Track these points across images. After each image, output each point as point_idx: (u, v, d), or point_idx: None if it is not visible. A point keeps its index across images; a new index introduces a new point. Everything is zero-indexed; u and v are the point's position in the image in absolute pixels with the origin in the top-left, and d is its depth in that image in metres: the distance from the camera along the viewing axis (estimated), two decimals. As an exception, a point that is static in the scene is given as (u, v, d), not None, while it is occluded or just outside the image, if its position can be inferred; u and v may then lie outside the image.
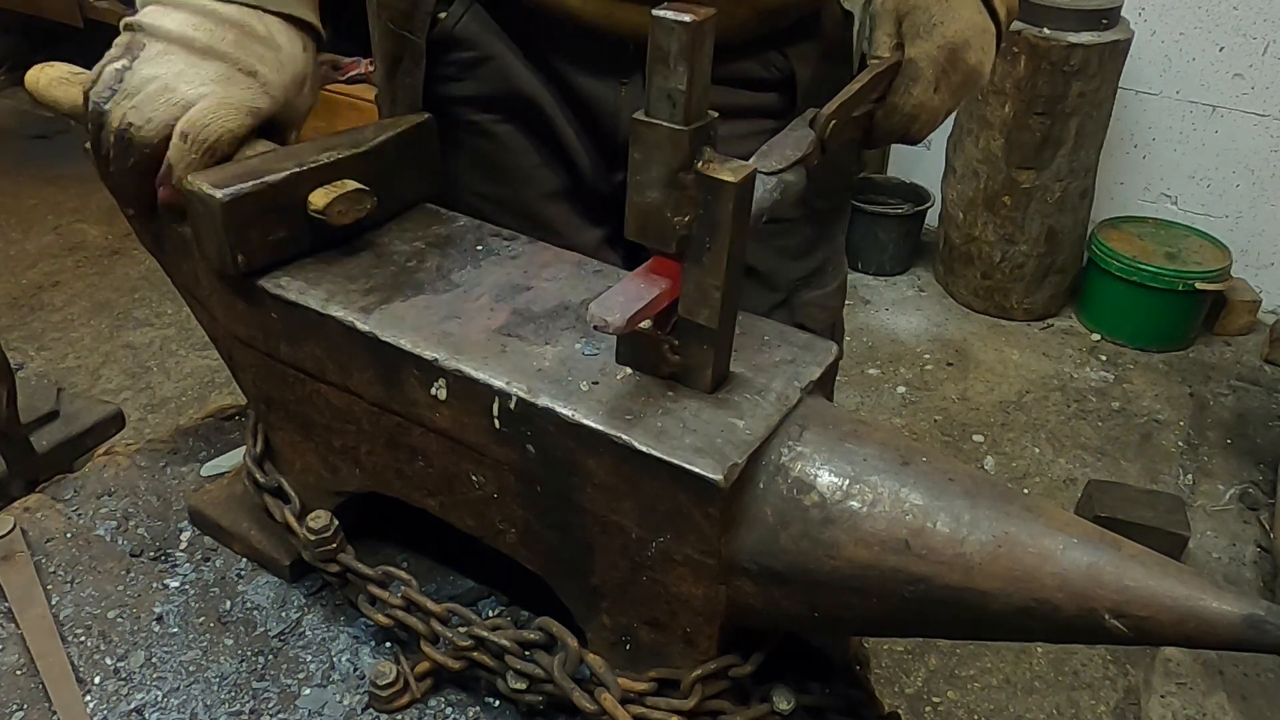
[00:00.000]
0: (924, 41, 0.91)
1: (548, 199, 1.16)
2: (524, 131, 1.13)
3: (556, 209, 1.17)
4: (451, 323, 0.80)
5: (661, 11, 0.62)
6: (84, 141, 0.89)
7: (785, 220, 1.17)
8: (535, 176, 1.15)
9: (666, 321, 0.72)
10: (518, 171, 1.15)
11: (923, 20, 0.91)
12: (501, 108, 1.12)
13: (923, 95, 0.92)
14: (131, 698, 0.85)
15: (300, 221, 0.85)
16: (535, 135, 1.13)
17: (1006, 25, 0.97)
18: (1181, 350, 3.46)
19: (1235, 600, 0.59)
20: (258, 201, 0.81)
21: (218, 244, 0.81)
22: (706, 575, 0.71)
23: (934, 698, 2.22)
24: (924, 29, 0.91)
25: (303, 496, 0.92)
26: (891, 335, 3.47)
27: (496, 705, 0.85)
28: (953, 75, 0.92)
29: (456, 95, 1.12)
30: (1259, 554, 2.58)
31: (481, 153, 1.15)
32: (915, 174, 3.95)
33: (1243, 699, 2.12)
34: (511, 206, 1.15)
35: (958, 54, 0.92)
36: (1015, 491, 0.68)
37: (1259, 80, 3.37)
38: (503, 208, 1.15)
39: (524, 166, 1.15)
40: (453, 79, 1.11)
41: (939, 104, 0.93)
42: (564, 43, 1.07)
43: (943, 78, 0.92)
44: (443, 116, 1.12)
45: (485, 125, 1.13)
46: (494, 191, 1.16)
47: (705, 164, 0.66)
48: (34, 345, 3.18)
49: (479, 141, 1.15)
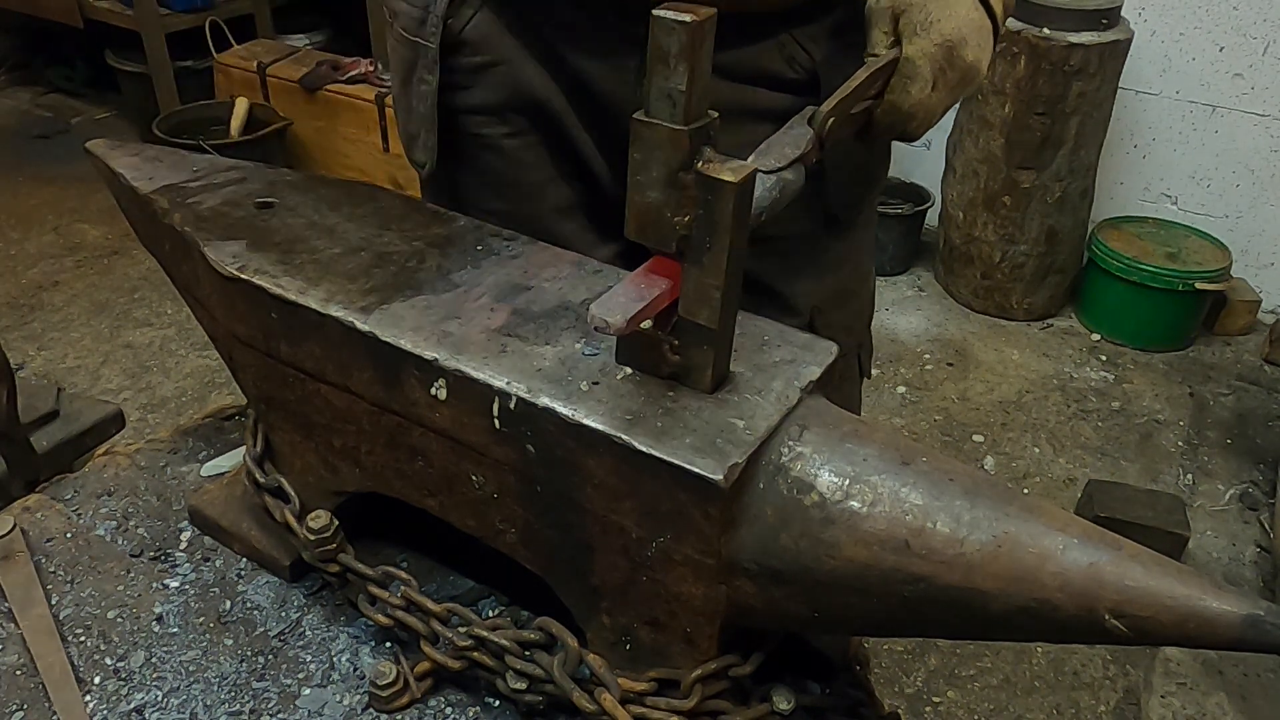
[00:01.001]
0: (921, 39, 0.90)
1: (561, 214, 1.14)
2: (536, 143, 1.11)
3: (570, 225, 1.14)
4: (451, 323, 0.80)
5: (662, 11, 0.62)
6: (85, 141, 0.89)
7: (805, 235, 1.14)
8: (547, 192, 1.13)
9: (667, 321, 0.72)
10: (529, 187, 1.13)
11: (919, 18, 0.90)
12: (511, 117, 1.10)
13: (920, 94, 0.91)
14: (131, 698, 0.85)
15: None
16: (548, 145, 1.11)
17: (1003, 21, 0.97)
18: (1181, 350, 3.46)
19: (1235, 600, 0.59)
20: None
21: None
22: (706, 575, 0.71)
23: (934, 698, 2.22)
24: (920, 27, 0.90)
25: (303, 496, 0.92)
26: (891, 335, 3.47)
27: (496, 705, 0.85)
28: (950, 73, 0.92)
29: (465, 105, 1.10)
30: (1259, 554, 2.58)
31: (491, 168, 1.13)
32: (915, 174, 3.95)
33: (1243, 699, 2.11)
34: (522, 224, 1.11)
35: (955, 51, 0.91)
36: (1015, 491, 0.68)
37: (1259, 80, 3.37)
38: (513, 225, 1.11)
39: (536, 181, 1.13)
40: (461, 87, 1.10)
41: (936, 102, 0.93)
42: (579, 37, 1.04)
43: (940, 75, 0.92)
44: (452, 129, 1.11)
45: (495, 139, 1.11)
46: (504, 208, 1.13)
47: (705, 164, 0.66)
48: (34, 345, 3.18)
49: (489, 157, 1.12)
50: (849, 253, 1.20)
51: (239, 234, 0.91)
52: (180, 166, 1.03)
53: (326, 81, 3.69)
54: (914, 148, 4.00)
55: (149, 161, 1.03)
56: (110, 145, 1.06)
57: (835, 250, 1.18)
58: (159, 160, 1.03)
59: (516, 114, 1.10)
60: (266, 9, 4.32)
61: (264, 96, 3.82)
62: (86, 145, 1.06)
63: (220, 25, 4.05)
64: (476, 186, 1.14)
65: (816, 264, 1.17)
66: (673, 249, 0.69)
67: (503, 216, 1.13)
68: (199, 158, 1.07)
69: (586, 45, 1.05)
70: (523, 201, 1.13)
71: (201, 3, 4.10)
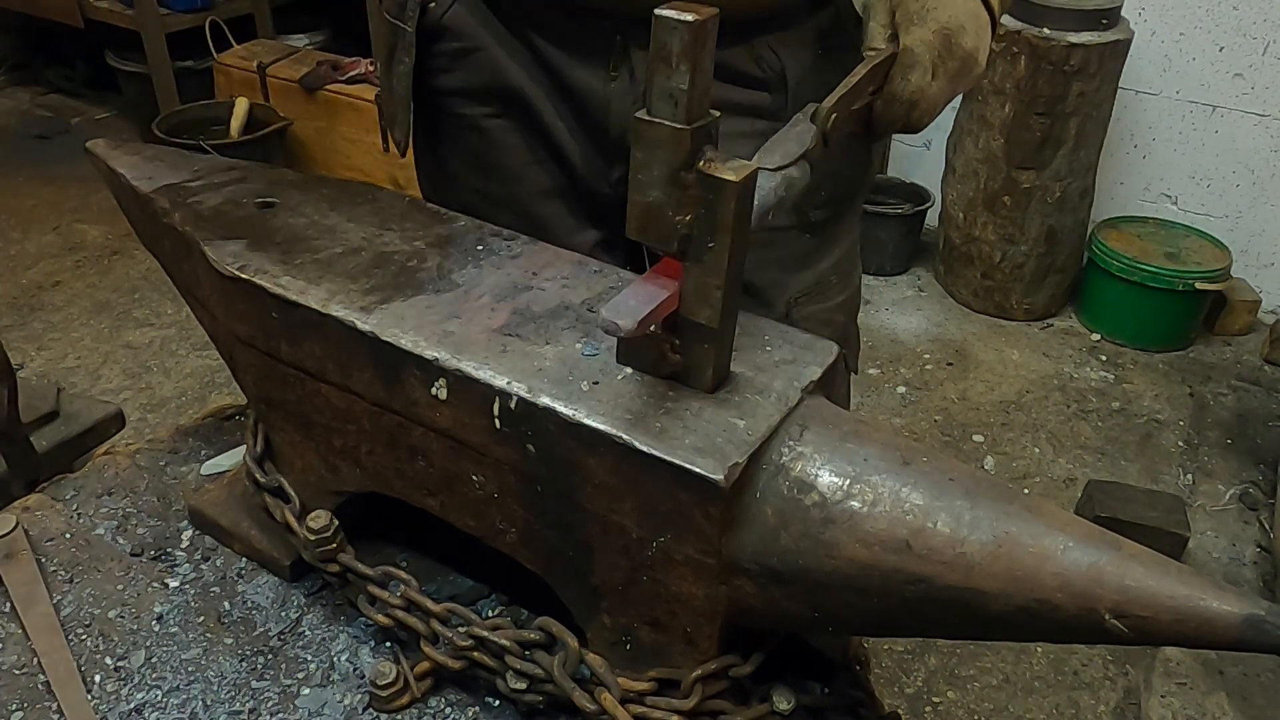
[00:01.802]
0: (918, 28, 0.90)
1: (542, 197, 1.16)
2: (515, 127, 1.13)
3: (550, 208, 1.16)
4: (452, 322, 0.80)
5: (664, 11, 0.62)
6: (85, 141, 0.89)
7: (779, 229, 1.14)
8: (526, 174, 1.15)
9: (671, 323, 0.72)
10: (509, 169, 1.15)
11: (915, 8, 0.90)
12: (491, 101, 1.13)
13: (921, 81, 0.91)
14: (131, 697, 0.85)
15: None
16: (525, 130, 1.13)
17: (1000, 13, 0.97)
18: (1181, 350, 3.46)
19: (1235, 600, 0.59)
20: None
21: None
22: (707, 575, 0.71)
23: (934, 698, 2.21)
24: (917, 16, 0.90)
25: (303, 496, 0.92)
26: (891, 335, 3.47)
27: (496, 705, 0.85)
28: (949, 61, 0.92)
29: (447, 87, 1.13)
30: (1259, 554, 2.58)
31: (474, 148, 1.15)
32: (915, 174, 3.95)
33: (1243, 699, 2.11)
34: (505, 203, 1.15)
35: (953, 39, 0.91)
36: (1015, 491, 0.68)
37: (1259, 80, 3.37)
38: (497, 204, 1.15)
39: (515, 164, 1.15)
40: (443, 70, 1.12)
41: (937, 91, 0.93)
42: (551, 30, 1.06)
43: (939, 64, 0.91)
44: (435, 109, 1.14)
45: (476, 120, 1.14)
46: (487, 188, 1.16)
47: (707, 163, 0.66)
48: (34, 345, 3.18)
49: (471, 136, 1.15)
50: (828, 248, 1.21)
51: (239, 233, 0.91)
52: (180, 166, 1.03)
53: (326, 81, 3.69)
54: (914, 148, 4.01)
55: (149, 161, 1.03)
56: (110, 145, 1.06)
57: (813, 245, 1.19)
58: (159, 160, 1.03)
59: (495, 99, 1.12)
60: (266, 9, 4.32)
61: (264, 96, 3.82)
62: (87, 145, 1.06)
63: (220, 25, 4.05)
64: (461, 167, 1.17)
65: (793, 258, 1.18)
66: (674, 248, 0.68)
67: (486, 196, 1.16)
68: (199, 157, 1.07)
69: (559, 39, 1.07)
70: (505, 182, 1.16)
71: (201, 3, 4.10)
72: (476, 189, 1.16)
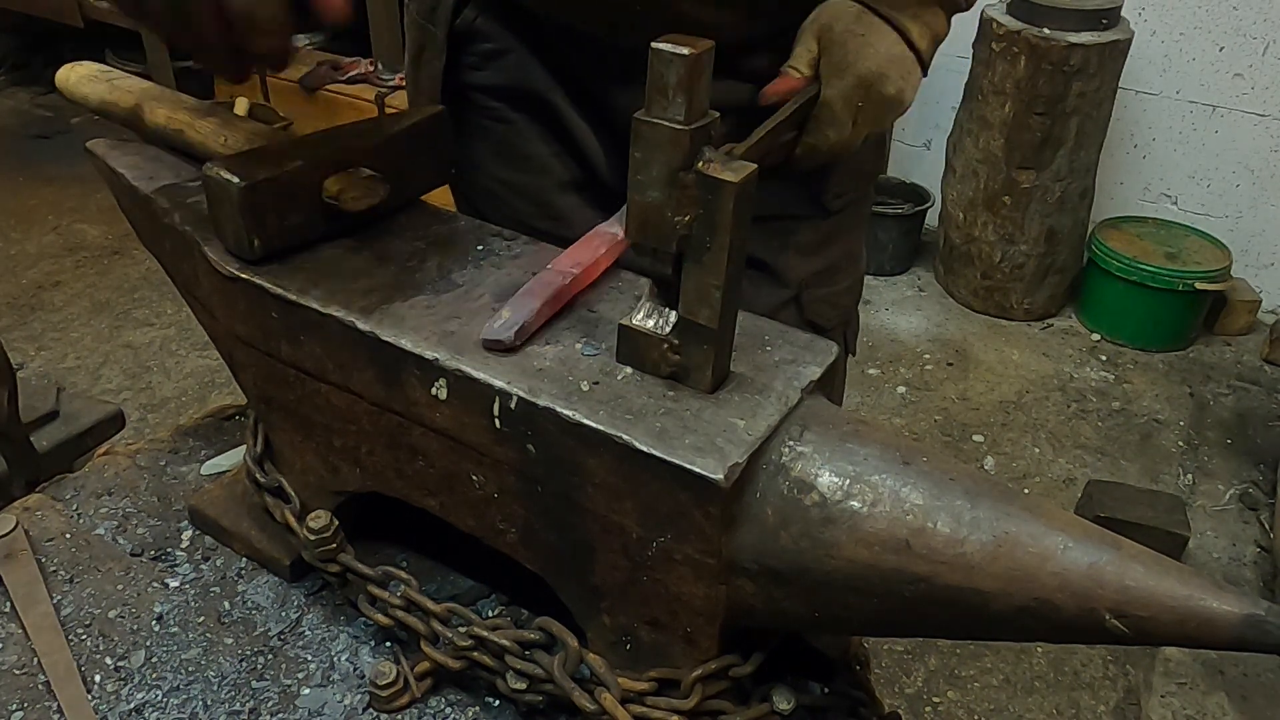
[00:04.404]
0: (839, 81, 0.95)
1: (562, 189, 1.19)
2: (540, 124, 1.17)
3: (570, 200, 1.19)
4: (452, 323, 0.80)
5: (661, 44, 0.63)
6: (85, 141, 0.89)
7: (799, 216, 1.19)
8: (550, 165, 1.18)
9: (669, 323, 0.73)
10: (534, 159, 1.18)
11: (839, 58, 0.95)
12: (518, 99, 1.16)
13: (838, 136, 0.97)
14: (132, 697, 0.85)
15: (315, 208, 0.87)
16: (549, 129, 1.17)
17: (929, 52, 1.01)
18: (1181, 350, 3.46)
19: (1235, 600, 0.59)
20: (274, 188, 0.83)
21: (235, 229, 0.83)
22: (707, 575, 0.71)
23: (934, 698, 2.22)
24: (839, 69, 0.95)
25: (303, 496, 0.92)
26: (891, 335, 3.47)
27: (496, 705, 0.85)
28: (869, 107, 0.97)
29: (478, 83, 1.16)
30: (1259, 554, 2.58)
31: (501, 138, 1.18)
32: (915, 174, 3.95)
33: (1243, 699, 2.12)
34: (528, 193, 1.18)
35: (873, 87, 0.96)
36: (1015, 491, 0.68)
37: (1259, 80, 3.37)
38: (519, 194, 1.18)
39: (540, 154, 1.18)
40: (475, 68, 1.16)
41: (856, 136, 0.98)
42: (575, 50, 1.10)
43: (859, 112, 0.96)
44: (465, 103, 1.18)
45: (504, 111, 1.17)
46: (511, 177, 1.19)
47: (706, 164, 0.66)
48: (34, 345, 3.18)
49: (498, 127, 1.18)
50: (839, 234, 1.25)
51: (239, 234, 0.91)
52: (180, 166, 1.03)
53: (326, 81, 3.70)
54: (914, 148, 4.01)
55: (149, 161, 1.03)
56: (111, 145, 1.05)
57: (826, 231, 1.23)
58: (159, 160, 1.03)
59: (522, 98, 1.16)
60: (267, 9, 4.31)
61: (264, 96, 3.83)
62: (87, 145, 1.06)
63: (220, 25, 4.05)
64: (487, 156, 1.20)
65: (808, 242, 1.22)
66: (673, 248, 0.69)
67: (509, 185, 1.20)
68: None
69: (584, 60, 1.10)
70: (531, 173, 1.19)
71: (202, 3, 4.09)
72: (500, 178, 1.20)
